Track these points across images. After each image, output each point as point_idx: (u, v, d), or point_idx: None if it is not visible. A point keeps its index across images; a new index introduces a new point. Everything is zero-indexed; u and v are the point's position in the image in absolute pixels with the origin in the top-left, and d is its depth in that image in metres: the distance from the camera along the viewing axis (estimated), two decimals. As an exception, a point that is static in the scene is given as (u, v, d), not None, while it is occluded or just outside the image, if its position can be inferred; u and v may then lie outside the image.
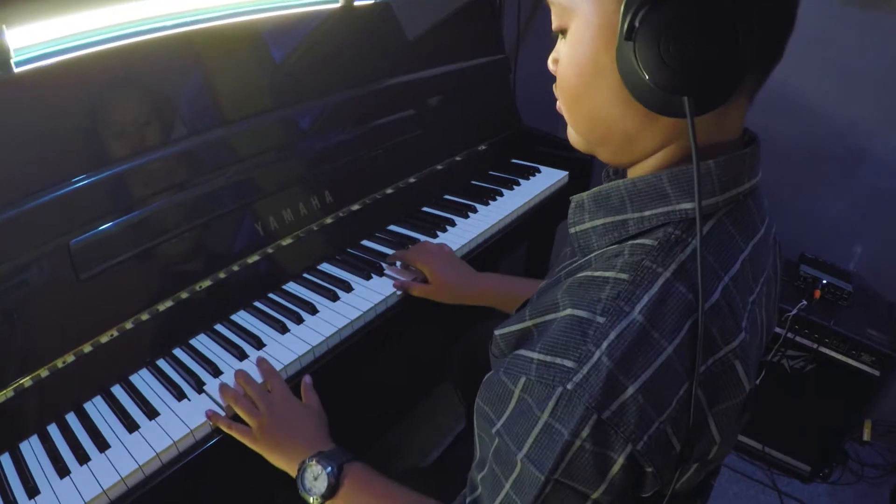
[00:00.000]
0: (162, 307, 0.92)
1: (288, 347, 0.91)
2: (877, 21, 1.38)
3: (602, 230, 0.55)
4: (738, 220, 0.53)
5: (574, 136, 0.58)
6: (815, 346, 1.52)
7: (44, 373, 0.81)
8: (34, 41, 0.81)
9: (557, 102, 0.58)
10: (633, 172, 0.56)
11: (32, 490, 0.71)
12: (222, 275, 0.99)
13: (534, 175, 1.50)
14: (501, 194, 1.40)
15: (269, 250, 1.05)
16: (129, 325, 0.89)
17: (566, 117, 0.57)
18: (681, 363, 0.47)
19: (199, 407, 0.81)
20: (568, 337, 0.48)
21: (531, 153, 1.60)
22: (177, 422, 0.79)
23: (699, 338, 0.48)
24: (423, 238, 1.19)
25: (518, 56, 1.86)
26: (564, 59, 0.53)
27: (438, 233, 1.22)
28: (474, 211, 1.32)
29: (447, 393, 1.75)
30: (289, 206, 1.07)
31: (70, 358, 0.83)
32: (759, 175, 0.55)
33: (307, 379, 0.88)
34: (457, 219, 1.28)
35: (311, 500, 0.72)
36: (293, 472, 0.75)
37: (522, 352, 0.52)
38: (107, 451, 0.75)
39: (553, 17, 0.53)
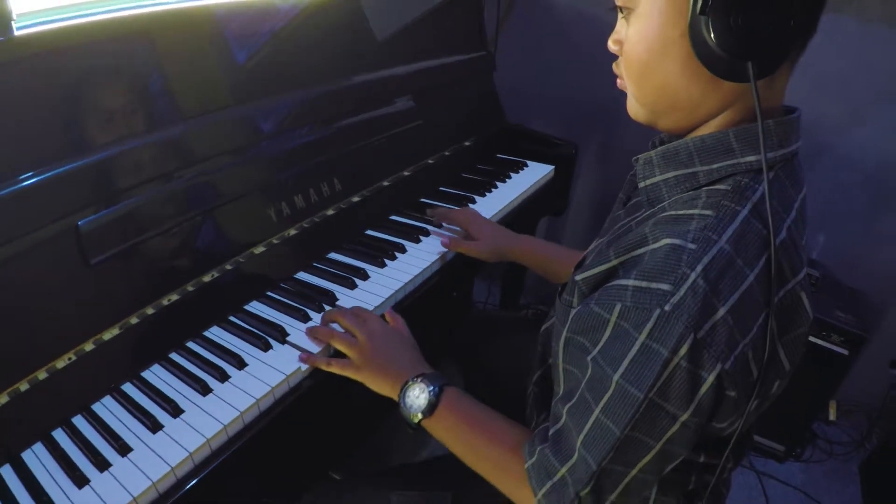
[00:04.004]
0: (166, 301, 0.84)
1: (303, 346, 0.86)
2: (841, 24, 1.47)
3: (673, 182, 0.60)
4: (789, 175, 0.59)
5: (637, 108, 0.62)
6: (788, 329, 1.58)
7: (41, 374, 0.73)
8: (40, 6, 0.74)
9: (618, 80, 0.63)
10: (692, 136, 0.60)
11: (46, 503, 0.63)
12: (229, 266, 0.92)
13: (522, 169, 1.51)
14: (496, 186, 1.39)
15: (275, 241, 0.99)
16: (133, 321, 0.81)
17: (632, 90, 0.61)
18: (760, 291, 0.52)
19: (213, 406, 0.75)
20: (663, 263, 0.52)
21: (515, 149, 1.61)
22: (202, 418, 0.72)
23: (772, 265, 0.52)
24: (429, 227, 1.17)
25: (496, 53, 1.86)
26: (632, 36, 0.57)
27: (443, 223, 1.19)
28: (473, 202, 1.30)
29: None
30: (300, 192, 1.02)
31: (71, 357, 0.75)
32: (801, 142, 0.60)
33: (390, 310, 0.91)
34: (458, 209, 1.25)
35: (410, 415, 0.74)
36: (395, 394, 0.77)
37: (616, 282, 0.56)
38: (129, 455, 0.68)
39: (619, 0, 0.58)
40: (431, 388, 0.74)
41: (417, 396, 0.74)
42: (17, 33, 0.71)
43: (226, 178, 0.91)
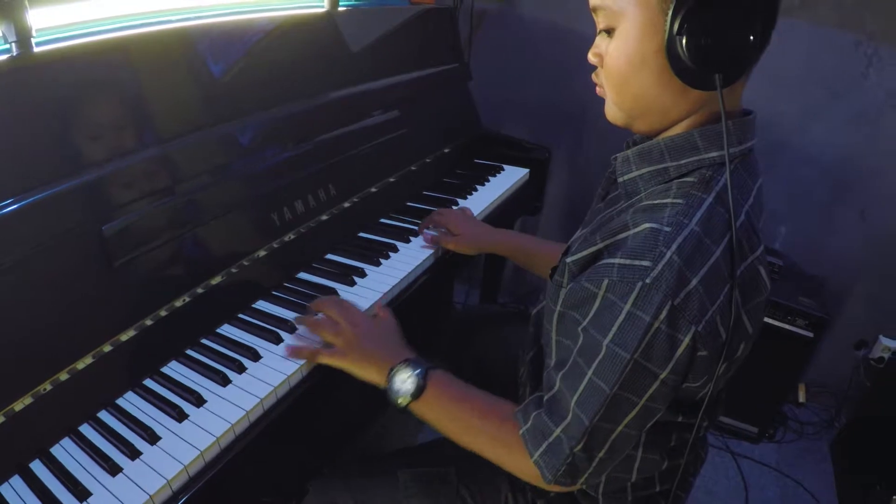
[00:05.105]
0: (179, 302, 0.89)
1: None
2: (796, 28, 1.58)
3: (647, 176, 0.69)
4: (747, 168, 0.69)
5: (615, 112, 0.70)
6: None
7: (63, 376, 0.76)
8: (52, 23, 0.79)
9: (597, 88, 0.71)
10: (663, 137, 0.69)
11: (82, 493, 0.67)
12: (234, 269, 0.97)
13: (499, 172, 1.58)
14: (476, 189, 1.46)
15: (276, 245, 1.04)
16: (148, 322, 0.85)
17: (611, 97, 0.70)
18: (724, 265, 0.61)
19: (233, 395, 0.80)
20: (644, 243, 0.60)
21: (491, 153, 1.69)
22: (225, 406, 0.77)
23: (733, 242, 0.61)
24: (415, 228, 1.24)
25: (469, 63, 1.94)
26: (613, 51, 0.65)
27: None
28: (456, 204, 1.37)
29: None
30: (300, 198, 1.09)
31: (89, 360, 0.79)
32: (756, 139, 0.70)
33: (382, 303, 0.96)
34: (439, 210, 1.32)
35: (399, 400, 0.78)
36: (382, 379, 0.80)
37: (603, 261, 0.64)
38: (159, 443, 0.73)
39: (600, 19, 0.66)
40: (418, 371, 0.78)
41: (404, 381, 0.77)
42: (36, 49, 0.76)
43: (234, 186, 0.97)
